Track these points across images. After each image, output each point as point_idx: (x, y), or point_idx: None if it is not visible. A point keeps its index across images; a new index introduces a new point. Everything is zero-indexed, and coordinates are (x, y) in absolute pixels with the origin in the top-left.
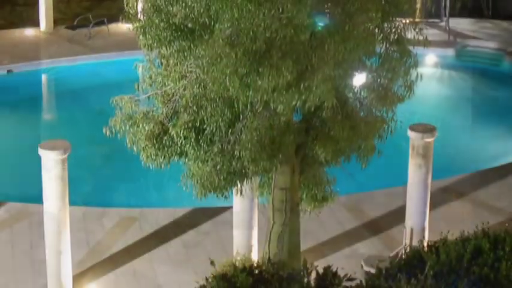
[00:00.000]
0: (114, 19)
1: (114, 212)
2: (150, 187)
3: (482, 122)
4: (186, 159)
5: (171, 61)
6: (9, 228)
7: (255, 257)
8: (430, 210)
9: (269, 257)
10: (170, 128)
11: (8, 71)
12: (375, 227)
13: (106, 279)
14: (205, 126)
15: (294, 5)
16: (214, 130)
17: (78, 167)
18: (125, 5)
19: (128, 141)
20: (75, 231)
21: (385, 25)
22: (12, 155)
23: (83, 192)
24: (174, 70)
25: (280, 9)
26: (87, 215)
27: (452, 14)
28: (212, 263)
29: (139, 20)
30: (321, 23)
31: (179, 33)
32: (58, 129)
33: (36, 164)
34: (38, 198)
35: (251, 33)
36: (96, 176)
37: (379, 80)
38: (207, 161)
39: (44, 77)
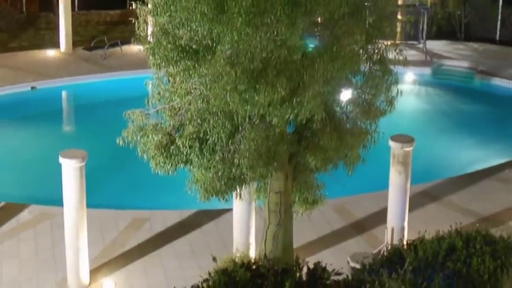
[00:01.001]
0: (126, 41)
1: (127, 214)
2: (159, 191)
3: (455, 133)
4: (191, 167)
5: (178, 79)
6: (32, 228)
7: (252, 253)
8: (409, 212)
9: (265, 254)
10: (177, 139)
11: (32, 88)
12: (360, 227)
13: (119, 273)
14: (208, 137)
15: (288, 28)
16: (216, 140)
17: (95, 173)
18: (137, 29)
19: (139, 150)
20: (92, 231)
21: (369, 46)
22: (36, 162)
23: (98, 195)
24: (180, 87)
25: (275, 32)
26: (103, 216)
27: (429, 37)
28: (214, 259)
29: (149, 42)
30: (311, 44)
31: (185, 53)
32: (76, 139)
33: (57, 170)
34: (58, 201)
35: (249, 53)
36: (110, 181)
37: (363, 95)
38: (210, 168)
39: (63, 93)
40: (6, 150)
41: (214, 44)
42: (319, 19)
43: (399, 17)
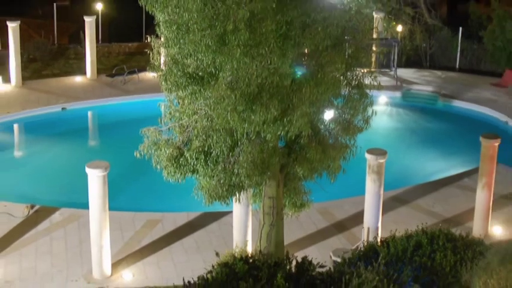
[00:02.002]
0: (143, 69)
1: (142, 215)
2: (170, 196)
3: (422, 147)
4: (197, 175)
5: (186, 101)
6: (63, 228)
7: (249, 249)
8: (383, 214)
9: (260, 250)
10: (185, 152)
11: (62, 108)
12: (340, 227)
13: (136, 266)
14: (212, 150)
15: (279, 58)
16: (218, 153)
17: (116, 181)
18: (151, 59)
19: (153, 161)
20: (113, 230)
21: (348, 74)
22: (66, 172)
23: (119, 200)
24: (188, 108)
25: (269, 62)
26: (122, 218)
27: (399, 65)
28: (217, 254)
29: (162, 70)
30: (299, 72)
31: (192, 80)
32: (100, 152)
33: (83, 178)
34: (85, 205)
35: (246, 79)
36: (129, 188)
37: (343, 115)
38: (213, 176)
39: (89, 113)
40: (41, 161)
41: (217, 72)
42: (306, 50)
43: (374, 48)
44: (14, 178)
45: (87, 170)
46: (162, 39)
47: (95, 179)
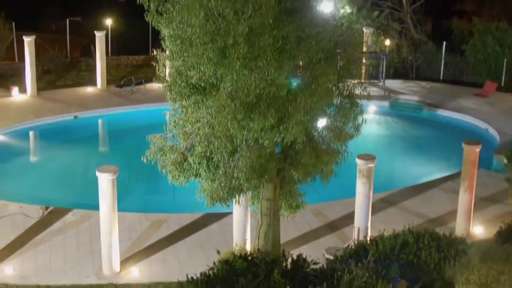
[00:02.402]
0: (149, 80)
1: (149, 216)
2: (175, 198)
3: (408, 153)
4: (200, 179)
5: (189, 110)
6: (75, 227)
7: (248, 248)
8: (372, 215)
9: (258, 248)
10: (188, 157)
11: (75, 117)
12: (333, 227)
13: (143, 263)
14: (213, 156)
15: (276, 70)
16: (219, 158)
17: (124, 184)
18: (157, 70)
19: (159, 166)
20: (122, 230)
21: (340, 84)
22: (77, 175)
23: (127, 201)
24: (191, 116)
25: (266, 73)
26: (130, 218)
27: (387, 77)
28: (218, 252)
29: (167, 81)
30: (294, 83)
31: (195, 90)
32: (110, 157)
33: (94, 181)
34: (95, 206)
35: (245, 90)
36: (136, 191)
37: (335, 123)
38: (215, 180)
39: (100, 121)
40: (54, 166)
41: (218, 82)
42: (300, 63)
43: (364, 61)
44: (30, 181)
45: (98, 173)
46: (167, 52)
47: (105, 182)
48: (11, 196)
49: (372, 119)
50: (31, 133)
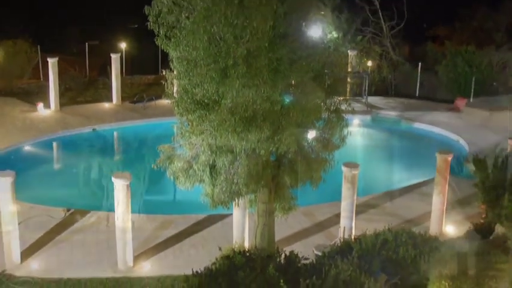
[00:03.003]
0: (159, 97)
1: (158, 217)
2: (181, 201)
3: (388, 161)
4: (203, 184)
5: (194, 123)
6: (93, 227)
7: (246, 245)
8: (356, 215)
9: (255, 245)
10: (194, 165)
11: (93, 129)
12: (321, 226)
13: (154, 258)
14: (215, 164)
15: (271, 88)
16: (221, 166)
17: (137, 189)
18: (166, 88)
19: (167, 173)
20: (134, 229)
21: (328, 101)
22: (95, 181)
23: (139, 204)
24: (196, 129)
25: (262, 91)
26: (142, 219)
27: (369, 94)
28: (220, 249)
29: (175, 97)
30: (287, 99)
31: (199, 105)
32: (124, 165)
33: (110, 186)
34: (111, 208)
35: (244, 106)
36: (148, 194)
37: (323, 135)
38: (217, 185)
39: (115, 133)
40: (75, 173)
41: (220, 99)
42: (293, 81)
43: (348, 80)
44: (54, 186)
45: (113, 179)
46: (175, 72)
47: (120, 187)
48: (37, 199)
49: (356, 131)
50: (54, 144)
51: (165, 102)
